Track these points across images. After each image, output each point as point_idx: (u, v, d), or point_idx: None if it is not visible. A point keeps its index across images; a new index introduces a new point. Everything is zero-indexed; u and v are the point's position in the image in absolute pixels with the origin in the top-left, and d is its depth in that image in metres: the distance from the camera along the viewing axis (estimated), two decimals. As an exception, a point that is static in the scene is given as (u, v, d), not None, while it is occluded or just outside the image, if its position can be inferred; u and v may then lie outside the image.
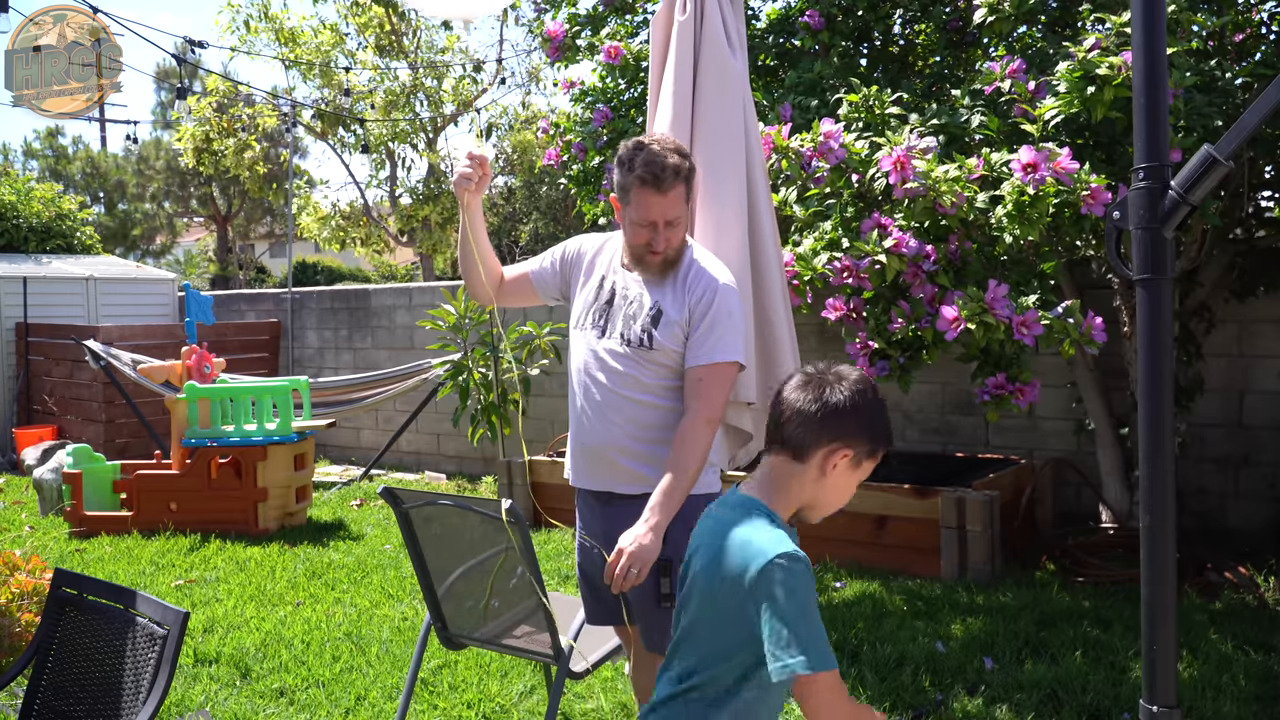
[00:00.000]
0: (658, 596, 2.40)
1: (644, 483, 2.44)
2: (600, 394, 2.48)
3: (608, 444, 2.48)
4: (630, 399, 2.45)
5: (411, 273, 25.13)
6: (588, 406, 2.51)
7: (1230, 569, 4.58)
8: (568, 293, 2.69)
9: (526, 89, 17.87)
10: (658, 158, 2.34)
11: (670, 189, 2.35)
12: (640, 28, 5.47)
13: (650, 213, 2.36)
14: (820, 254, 3.76)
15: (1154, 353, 1.82)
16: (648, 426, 2.46)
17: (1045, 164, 3.35)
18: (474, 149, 2.59)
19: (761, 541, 1.64)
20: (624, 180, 2.39)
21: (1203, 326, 5.08)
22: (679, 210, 2.39)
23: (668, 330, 2.42)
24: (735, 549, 1.67)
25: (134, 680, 2.16)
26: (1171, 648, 1.83)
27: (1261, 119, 1.67)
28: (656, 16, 3.14)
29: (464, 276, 2.72)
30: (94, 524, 6.32)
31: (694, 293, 2.42)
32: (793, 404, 1.74)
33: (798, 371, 1.81)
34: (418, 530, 2.91)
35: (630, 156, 2.38)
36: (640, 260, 2.46)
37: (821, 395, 1.72)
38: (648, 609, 2.46)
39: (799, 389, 1.75)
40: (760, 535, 1.66)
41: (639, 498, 2.43)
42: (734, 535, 1.69)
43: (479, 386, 7.12)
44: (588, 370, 2.51)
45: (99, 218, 23.17)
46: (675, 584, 2.38)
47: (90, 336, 8.50)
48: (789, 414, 1.74)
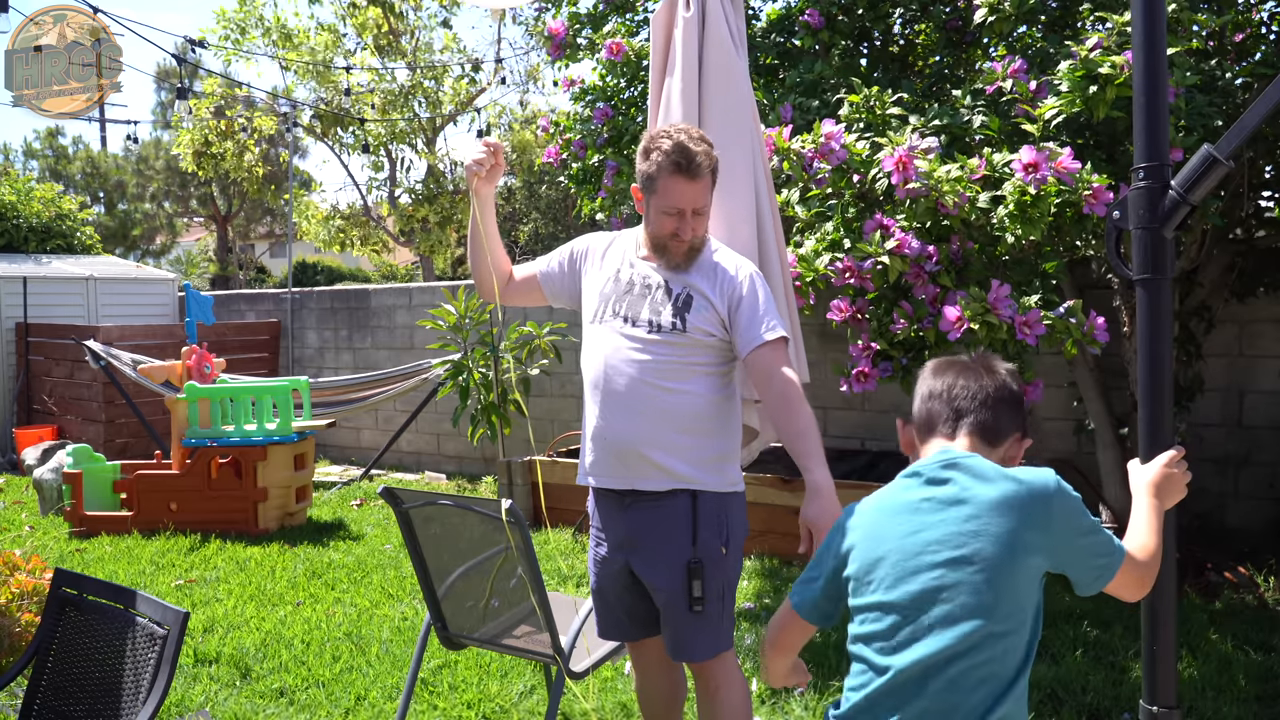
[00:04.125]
0: (689, 601, 2.34)
1: (672, 478, 2.36)
2: (626, 385, 2.38)
3: (636, 437, 2.37)
4: (660, 388, 2.36)
5: (411, 273, 25.13)
6: (611, 399, 2.40)
7: (1230, 569, 4.58)
8: (576, 293, 2.62)
9: (525, 88, 17.86)
10: (689, 145, 2.33)
11: (700, 177, 2.34)
12: (641, 26, 5.47)
13: (680, 199, 2.34)
14: (822, 255, 3.76)
15: (1154, 353, 1.82)
16: (679, 417, 2.36)
17: (1047, 164, 3.35)
18: (489, 139, 2.59)
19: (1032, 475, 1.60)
20: (651, 168, 2.37)
21: (1203, 326, 5.07)
22: (706, 199, 2.38)
23: (700, 314, 2.37)
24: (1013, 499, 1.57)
25: (134, 680, 2.16)
26: (1171, 648, 1.83)
27: (1261, 119, 1.67)
28: (657, 15, 3.14)
29: (472, 270, 2.69)
30: (94, 524, 6.32)
31: (727, 281, 2.39)
32: (977, 388, 1.70)
33: (942, 360, 1.77)
34: (418, 530, 2.91)
35: (659, 144, 2.36)
36: (664, 250, 2.41)
37: (1004, 381, 1.71)
38: (678, 614, 2.39)
39: (965, 372, 1.72)
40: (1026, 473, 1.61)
41: (665, 496, 2.37)
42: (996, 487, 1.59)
43: (479, 386, 7.12)
44: (611, 361, 2.41)
45: (99, 218, 23.16)
46: (707, 589, 2.37)
47: (90, 336, 8.50)
48: (968, 396, 1.69)
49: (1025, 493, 1.58)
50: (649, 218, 2.43)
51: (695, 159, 2.32)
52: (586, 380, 2.49)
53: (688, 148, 2.33)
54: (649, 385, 2.37)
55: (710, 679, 2.46)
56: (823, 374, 6.28)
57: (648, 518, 2.40)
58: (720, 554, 2.39)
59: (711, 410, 2.41)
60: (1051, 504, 1.58)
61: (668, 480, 2.37)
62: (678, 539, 2.37)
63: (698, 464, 2.38)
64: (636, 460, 2.38)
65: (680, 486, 2.37)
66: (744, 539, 2.49)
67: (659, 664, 2.61)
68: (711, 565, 2.37)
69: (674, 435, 2.37)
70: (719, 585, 2.39)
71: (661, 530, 2.39)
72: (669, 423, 2.37)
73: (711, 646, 2.42)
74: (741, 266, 2.43)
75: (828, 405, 6.43)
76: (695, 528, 2.37)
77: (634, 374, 2.38)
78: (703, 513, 2.38)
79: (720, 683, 2.45)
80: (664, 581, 2.39)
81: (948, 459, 1.66)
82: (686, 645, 2.42)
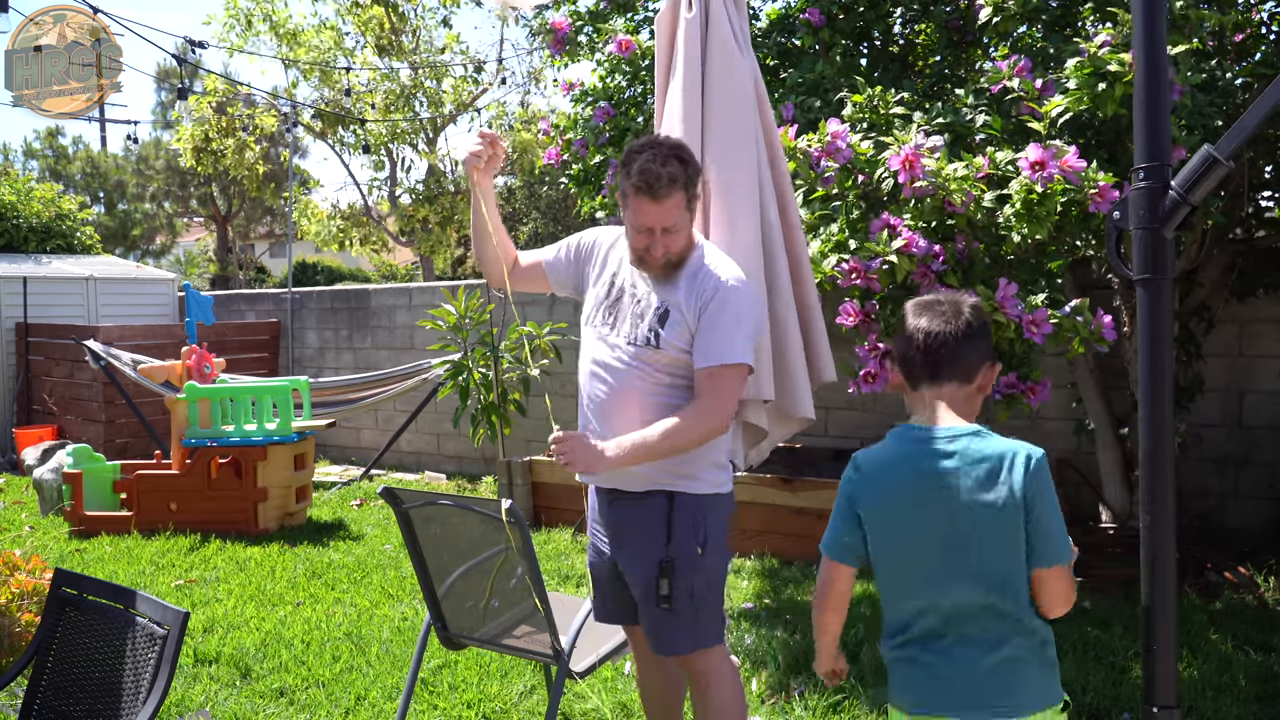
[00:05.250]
0: (656, 598, 2.38)
1: (650, 481, 2.41)
2: (605, 392, 2.44)
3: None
4: (635, 399, 2.41)
5: (411, 273, 25.12)
6: (593, 404, 2.48)
7: (1230, 569, 4.58)
8: (580, 285, 2.64)
9: (526, 89, 17.86)
10: (652, 165, 2.29)
11: (666, 197, 2.30)
12: (643, 25, 5.47)
13: (647, 219, 2.33)
14: (829, 256, 3.75)
15: (1154, 353, 1.83)
16: (654, 422, 2.38)
17: (1053, 162, 3.35)
18: (485, 129, 2.58)
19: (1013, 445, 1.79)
20: (622, 185, 2.38)
21: (1203, 326, 5.07)
22: (676, 217, 2.34)
23: (675, 330, 2.37)
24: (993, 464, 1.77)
25: (134, 680, 2.16)
26: (1171, 648, 1.83)
27: (1261, 119, 1.67)
28: (661, 14, 3.13)
29: (477, 255, 2.71)
30: (94, 524, 6.32)
31: (702, 294, 2.37)
32: (942, 331, 1.85)
33: (912, 304, 1.92)
34: (418, 530, 2.91)
35: (629, 161, 2.34)
36: (642, 262, 2.43)
37: (966, 317, 1.86)
38: (649, 609, 2.44)
39: (937, 317, 1.86)
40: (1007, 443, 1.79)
41: (644, 495, 2.42)
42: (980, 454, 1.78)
43: (479, 386, 7.12)
44: (595, 368, 2.48)
45: (99, 218, 23.16)
46: (675, 586, 2.38)
47: (90, 336, 8.50)
48: (940, 341, 1.84)
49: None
50: (627, 230, 2.44)
51: (659, 181, 2.28)
52: (579, 381, 2.57)
53: (651, 169, 2.28)
54: (626, 394, 2.41)
55: (699, 675, 2.49)
56: (823, 374, 6.27)
57: (629, 515, 2.46)
58: (696, 554, 2.41)
59: None
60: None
61: (644, 482, 2.42)
62: (654, 537, 2.42)
63: (673, 471, 2.41)
64: None
65: (656, 488, 2.41)
66: (725, 539, 2.51)
67: (651, 654, 2.64)
68: (685, 564, 2.40)
69: None
70: (690, 584, 2.41)
71: (640, 527, 2.45)
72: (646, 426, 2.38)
73: (690, 642, 2.45)
74: (718, 284, 2.38)
75: (830, 405, 6.42)
76: (670, 527, 2.40)
77: (613, 382, 2.43)
78: (679, 513, 2.41)
79: (710, 679, 2.48)
80: (638, 577, 2.46)
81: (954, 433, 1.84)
82: (662, 639, 2.47)
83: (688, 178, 2.33)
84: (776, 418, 3.10)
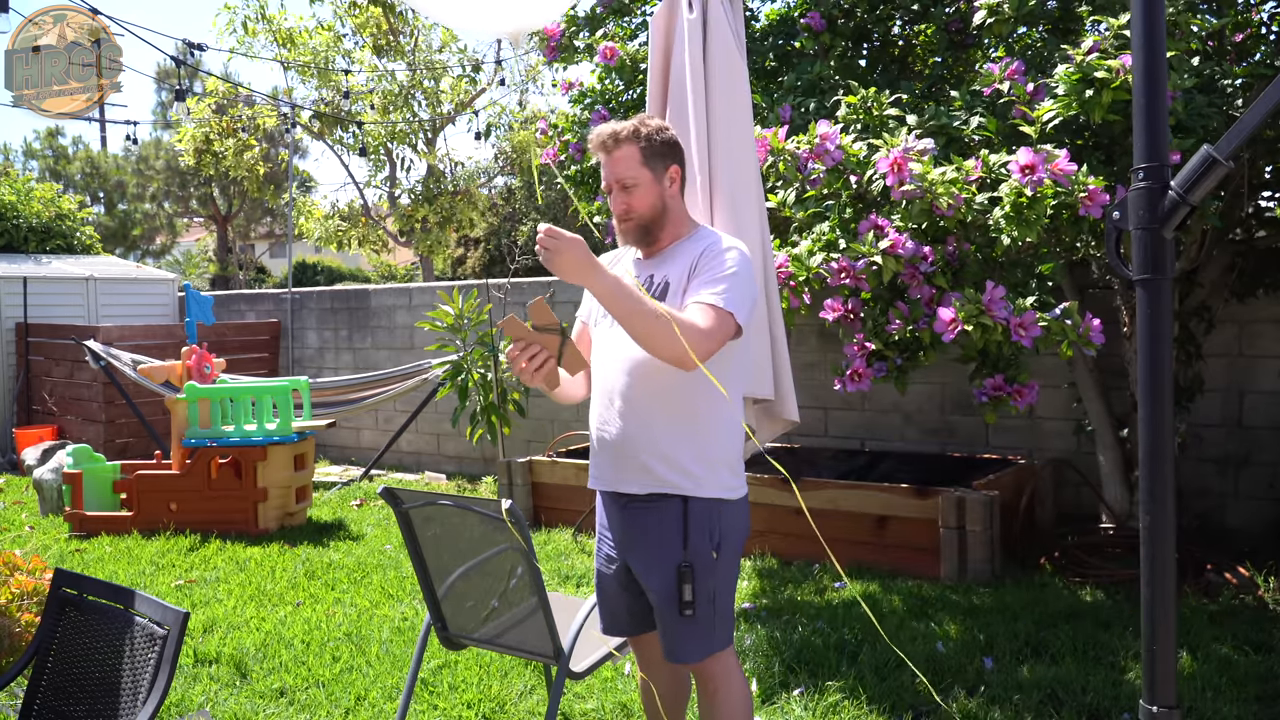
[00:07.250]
0: (679, 605, 2.35)
1: (657, 481, 2.36)
2: (618, 383, 2.41)
3: (626, 437, 2.39)
4: (647, 385, 2.36)
5: (411, 273, 25.12)
6: (604, 398, 2.45)
7: (1230, 569, 4.58)
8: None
9: (524, 88, 17.85)
10: (608, 125, 2.41)
11: (615, 150, 2.38)
12: (639, 30, 5.47)
13: (606, 174, 2.42)
14: (816, 254, 3.75)
15: (1154, 353, 1.82)
16: (668, 415, 2.36)
17: (1043, 165, 3.35)
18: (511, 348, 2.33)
19: None
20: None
21: (1203, 326, 5.08)
22: (630, 171, 2.37)
23: (673, 301, 2.35)
24: None
25: (134, 680, 2.16)
26: (1171, 648, 1.83)
27: (1261, 119, 1.67)
28: (656, 16, 3.15)
29: None
30: (94, 524, 6.32)
31: (694, 254, 2.37)
32: None
33: None
34: (418, 530, 2.91)
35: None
36: (621, 234, 2.46)
37: None
38: (669, 617, 2.40)
39: None
40: None
41: (657, 499, 2.38)
42: None
43: (478, 387, 7.12)
44: (606, 361, 2.46)
45: (99, 218, 23.18)
46: (697, 592, 2.36)
47: (90, 336, 8.50)
48: None
49: None
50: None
51: (604, 135, 2.39)
52: (594, 382, 2.53)
53: (605, 127, 2.41)
54: (638, 382, 2.38)
55: (708, 680, 2.46)
56: (822, 374, 6.28)
57: (642, 520, 2.42)
58: (711, 558, 2.39)
59: (702, 409, 2.39)
60: None
61: (653, 484, 2.37)
62: (669, 542, 2.38)
63: (685, 470, 2.36)
64: (626, 462, 2.41)
65: (666, 491, 2.37)
66: (741, 543, 2.48)
67: (661, 660, 2.62)
68: (702, 569, 2.37)
69: (662, 436, 2.37)
70: (711, 589, 2.39)
71: (654, 532, 2.40)
72: (658, 422, 2.37)
73: (703, 649, 2.42)
74: (714, 241, 2.38)
75: (828, 405, 6.43)
76: (686, 531, 2.36)
77: (625, 371, 2.40)
78: (693, 517, 2.37)
79: (719, 684, 2.45)
80: (656, 584, 2.40)
81: None
82: (678, 648, 2.43)
83: (635, 134, 2.39)
84: (765, 418, 3.11)
